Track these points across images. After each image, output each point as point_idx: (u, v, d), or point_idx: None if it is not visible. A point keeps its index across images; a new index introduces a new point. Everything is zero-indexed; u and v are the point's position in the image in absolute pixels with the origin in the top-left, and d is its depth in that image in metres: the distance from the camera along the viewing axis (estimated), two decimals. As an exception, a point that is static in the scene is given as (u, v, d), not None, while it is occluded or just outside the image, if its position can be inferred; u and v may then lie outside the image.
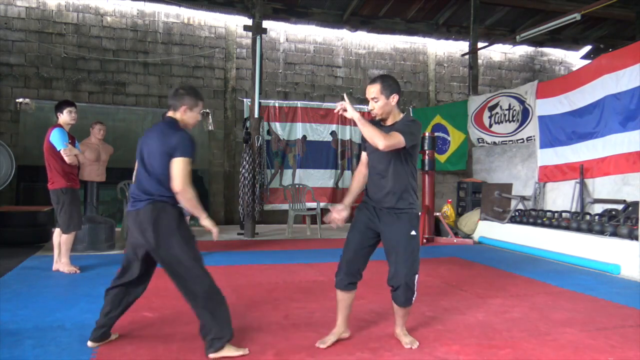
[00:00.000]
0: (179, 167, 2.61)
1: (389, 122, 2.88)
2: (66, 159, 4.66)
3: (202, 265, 2.70)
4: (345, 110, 2.68)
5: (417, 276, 2.83)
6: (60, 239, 4.83)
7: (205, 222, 2.75)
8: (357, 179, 3.03)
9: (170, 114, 2.81)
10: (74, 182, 4.86)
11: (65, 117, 4.78)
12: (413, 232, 2.82)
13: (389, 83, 2.84)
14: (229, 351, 2.66)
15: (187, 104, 2.78)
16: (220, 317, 2.66)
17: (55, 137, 4.65)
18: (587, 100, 6.63)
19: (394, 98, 2.82)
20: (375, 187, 2.89)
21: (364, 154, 3.01)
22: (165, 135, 2.68)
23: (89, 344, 2.78)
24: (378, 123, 2.91)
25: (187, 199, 2.65)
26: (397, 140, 2.68)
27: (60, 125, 4.76)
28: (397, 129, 2.75)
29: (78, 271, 4.76)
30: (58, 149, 4.65)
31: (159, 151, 2.67)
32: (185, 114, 2.79)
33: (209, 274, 2.71)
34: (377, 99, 2.80)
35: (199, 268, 2.67)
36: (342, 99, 2.76)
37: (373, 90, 2.82)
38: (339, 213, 2.80)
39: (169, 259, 2.65)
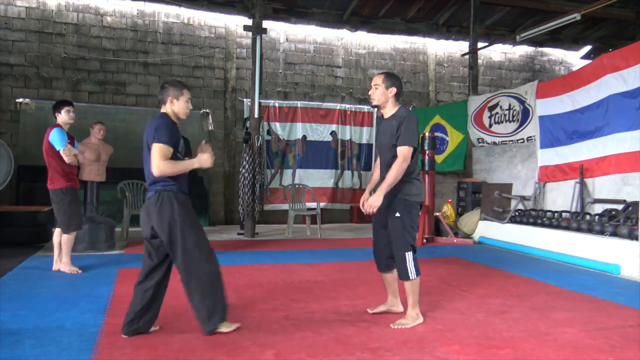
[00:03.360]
0: (154, 152, 2.84)
1: (387, 114, 3.27)
2: (65, 159, 4.66)
3: (202, 251, 2.90)
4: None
5: (410, 254, 3.18)
6: (60, 238, 4.83)
7: (198, 163, 2.96)
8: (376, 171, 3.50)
9: (162, 109, 3.03)
10: (74, 182, 4.86)
11: (63, 116, 4.77)
12: (398, 214, 3.16)
13: (391, 77, 3.26)
14: (220, 328, 2.95)
15: (172, 94, 3.00)
16: (209, 302, 2.88)
17: (55, 137, 4.65)
18: (588, 100, 6.61)
19: (392, 91, 3.22)
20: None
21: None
22: (151, 124, 2.94)
23: (123, 336, 2.94)
24: (380, 118, 3.35)
25: (171, 173, 2.86)
26: (406, 154, 3.09)
27: (59, 125, 4.75)
28: (400, 141, 3.11)
29: (79, 271, 4.75)
30: (57, 149, 4.65)
31: (148, 140, 2.92)
32: (173, 105, 3.01)
33: (212, 259, 2.94)
34: (378, 87, 3.23)
35: (198, 252, 2.88)
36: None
37: (377, 79, 3.26)
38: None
39: (169, 244, 2.86)
